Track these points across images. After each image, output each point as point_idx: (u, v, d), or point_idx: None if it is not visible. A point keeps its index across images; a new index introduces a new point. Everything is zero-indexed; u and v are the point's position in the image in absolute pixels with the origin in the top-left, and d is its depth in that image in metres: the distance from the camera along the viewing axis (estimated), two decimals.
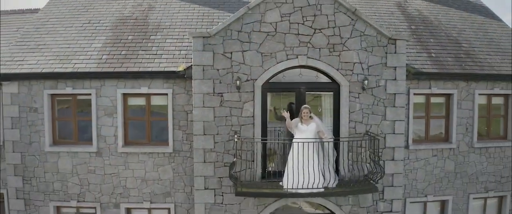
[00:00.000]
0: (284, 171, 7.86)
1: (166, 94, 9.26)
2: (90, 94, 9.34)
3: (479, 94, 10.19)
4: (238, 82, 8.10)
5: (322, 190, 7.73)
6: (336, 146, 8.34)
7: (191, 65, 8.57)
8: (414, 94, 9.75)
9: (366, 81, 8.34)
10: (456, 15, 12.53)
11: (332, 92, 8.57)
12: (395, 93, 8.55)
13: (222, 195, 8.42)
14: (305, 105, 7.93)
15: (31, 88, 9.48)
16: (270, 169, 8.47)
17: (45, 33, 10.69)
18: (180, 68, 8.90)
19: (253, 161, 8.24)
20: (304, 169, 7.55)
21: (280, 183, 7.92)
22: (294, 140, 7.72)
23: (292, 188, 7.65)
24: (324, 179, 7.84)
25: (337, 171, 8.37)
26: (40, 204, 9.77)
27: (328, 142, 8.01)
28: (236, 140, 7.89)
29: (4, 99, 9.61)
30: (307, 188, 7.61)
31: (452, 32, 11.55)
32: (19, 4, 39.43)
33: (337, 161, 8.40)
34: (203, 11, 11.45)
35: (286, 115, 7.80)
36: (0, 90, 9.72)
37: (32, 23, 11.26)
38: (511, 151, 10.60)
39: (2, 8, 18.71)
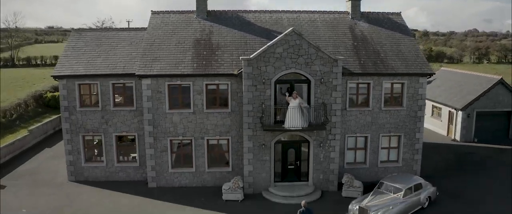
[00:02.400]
0: (284, 120, 19.47)
1: (227, 83, 20.78)
2: (189, 84, 20.82)
3: (385, 82, 21.69)
4: (264, 80, 19.57)
5: (301, 128, 19.39)
6: (309, 109, 19.92)
7: (241, 71, 19.94)
8: (349, 83, 21.30)
9: (322, 79, 19.82)
10: (383, 34, 23.78)
11: (307, 84, 20.06)
12: (336, 85, 20.07)
13: (256, 131, 20.15)
14: (294, 91, 19.47)
15: (158, 81, 20.85)
16: (277, 119, 20.09)
17: (156, 49, 21.90)
18: (235, 72, 20.31)
19: (270, 115, 19.82)
20: (293, 119, 19.16)
21: (283, 125, 19.55)
22: (289, 106, 19.27)
23: (288, 127, 19.30)
24: (303, 122, 19.43)
25: (308, 119, 19.96)
26: (162, 139, 21.46)
27: (305, 107, 19.55)
28: (262, 106, 19.46)
29: (143, 86, 20.95)
30: (294, 127, 19.25)
31: (377, 46, 22.87)
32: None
33: (309, 117, 19.98)
34: (240, 35, 22.70)
35: (287, 94, 19.31)
36: (140, 82, 21.11)
37: (145, 42, 22.36)
38: (404, 111, 22.21)
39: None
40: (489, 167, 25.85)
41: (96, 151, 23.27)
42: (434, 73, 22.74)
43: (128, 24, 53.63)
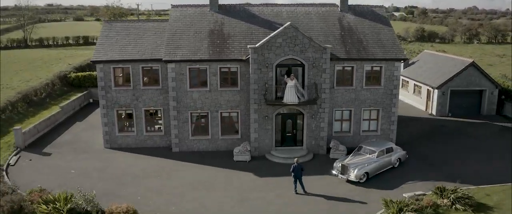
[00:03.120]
0: (283, 95, 24.81)
1: (237, 67, 26.05)
2: (206, 67, 26.05)
3: (366, 66, 26.92)
4: (267, 65, 24.81)
5: (297, 102, 24.74)
6: (303, 88, 25.19)
7: (248, 57, 25.11)
8: (336, 66, 26.54)
9: (314, 64, 25.05)
10: (366, 24, 28.84)
11: (302, 67, 25.31)
12: (325, 68, 25.33)
13: (260, 105, 25.55)
14: (292, 73, 24.72)
15: (180, 65, 26.05)
16: (278, 95, 25.41)
17: (178, 38, 27.00)
18: (244, 58, 25.53)
19: (272, 93, 25.13)
20: (290, 95, 24.49)
21: (282, 100, 24.89)
22: (287, 86, 24.57)
23: (286, 101, 24.67)
24: (298, 98, 24.75)
25: (303, 96, 25.26)
26: (183, 112, 26.82)
27: (299, 86, 24.84)
28: (266, 85, 24.77)
29: (168, 69, 26.13)
30: (291, 102, 24.61)
31: (361, 35, 27.98)
32: None
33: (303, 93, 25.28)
34: (247, 26, 27.78)
35: (285, 76, 24.60)
36: (165, 66, 26.29)
37: (168, 32, 27.43)
38: (382, 90, 27.51)
39: None
40: (456, 137, 31.26)
41: (127, 123, 28.56)
42: (408, 59, 28.01)
43: (138, 7, 58.27)
